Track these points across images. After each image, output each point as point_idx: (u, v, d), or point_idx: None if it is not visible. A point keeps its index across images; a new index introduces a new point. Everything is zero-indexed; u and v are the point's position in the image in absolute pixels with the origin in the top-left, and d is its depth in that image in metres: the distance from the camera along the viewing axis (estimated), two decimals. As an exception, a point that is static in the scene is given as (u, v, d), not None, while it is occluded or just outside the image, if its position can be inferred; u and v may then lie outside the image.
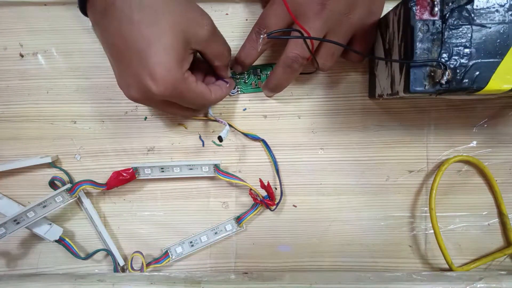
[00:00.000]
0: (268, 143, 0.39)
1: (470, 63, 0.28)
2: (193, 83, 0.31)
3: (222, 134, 0.35)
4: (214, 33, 0.32)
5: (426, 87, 0.28)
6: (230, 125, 0.39)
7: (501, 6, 0.28)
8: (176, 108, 0.34)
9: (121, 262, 0.40)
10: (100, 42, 0.32)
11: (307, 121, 0.40)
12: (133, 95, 0.31)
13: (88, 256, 0.40)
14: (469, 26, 0.28)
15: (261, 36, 0.32)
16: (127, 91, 0.31)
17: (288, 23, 0.33)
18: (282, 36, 0.32)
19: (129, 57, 0.29)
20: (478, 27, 0.28)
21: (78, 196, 0.39)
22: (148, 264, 0.39)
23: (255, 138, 0.39)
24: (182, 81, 0.30)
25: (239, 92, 0.39)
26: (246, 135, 0.39)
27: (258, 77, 0.39)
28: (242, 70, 0.38)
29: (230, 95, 0.39)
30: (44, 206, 0.37)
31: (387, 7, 0.37)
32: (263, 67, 0.39)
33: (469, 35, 0.28)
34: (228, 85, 0.36)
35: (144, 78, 0.29)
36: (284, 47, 0.33)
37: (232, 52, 0.36)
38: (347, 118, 0.39)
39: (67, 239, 0.39)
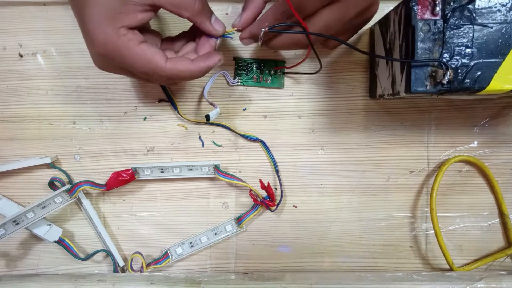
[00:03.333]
0: (268, 143, 0.39)
1: (472, 63, 0.28)
2: (131, 42, 0.28)
3: (211, 114, 0.34)
4: None
5: (428, 87, 0.28)
6: (228, 128, 0.39)
7: (503, 5, 0.28)
8: (138, 77, 0.31)
9: (121, 263, 0.40)
10: None
11: (307, 121, 0.39)
12: (95, 63, 0.30)
13: (88, 256, 0.40)
14: (470, 26, 0.28)
15: (262, 29, 0.31)
16: (93, 61, 0.30)
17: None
18: (283, 31, 0.31)
19: (79, 23, 0.28)
20: (480, 27, 0.28)
21: (77, 197, 0.38)
22: (148, 265, 0.39)
23: (254, 139, 0.39)
24: (116, 37, 0.27)
25: (239, 83, 0.39)
26: (244, 136, 0.39)
27: (261, 71, 0.38)
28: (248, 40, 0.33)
29: (230, 85, 0.39)
30: (44, 207, 0.37)
31: (388, 7, 0.37)
32: (267, 62, 0.38)
33: (471, 35, 0.28)
34: (208, 59, 0.31)
35: (88, 40, 0.28)
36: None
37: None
38: (348, 118, 0.39)
39: (66, 240, 0.39)
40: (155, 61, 0.29)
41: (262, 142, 0.39)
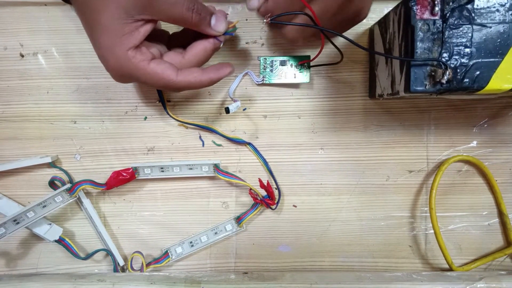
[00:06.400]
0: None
1: (471, 63, 0.28)
2: (141, 62, 0.29)
3: (231, 106, 0.34)
4: None
5: (427, 87, 0.28)
6: (215, 130, 0.39)
7: (502, 5, 0.28)
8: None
9: (121, 262, 0.40)
10: None
11: (307, 121, 0.39)
12: (112, 77, 0.31)
13: (88, 256, 0.40)
14: (469, 26, 0.28)
15: (264, 20, 0.31)
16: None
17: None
18: (286, 22, 0.31)
19: (92, 44, 0.30)
20: (479, 27, 0.28)
21: (77, 196, 0.39)
22: (148, 264, 0.39)
23: (241, 142, 0.39)
24: (126, 61, 0.28)
25: (265, 81, 0.38)
26: (231, 139, 0.39)
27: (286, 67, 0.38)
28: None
29: (256, 84, 0.38)
30: (44, 206, 0.37)
31: (387, 7, 0.38)
32: (292, 58, 0.38)
33: (470, 34, 0.28)
34: (218, 71, 0.32)
35: (103, 61, 0.29)
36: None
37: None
38: (347, 118, 0.39)
39: (67, 239, 0.39)
40: (166, 77, 0.30)
41: (250, 144, 0.39)
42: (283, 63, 0.38)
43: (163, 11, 0.28)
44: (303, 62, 0.38)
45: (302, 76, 0.38)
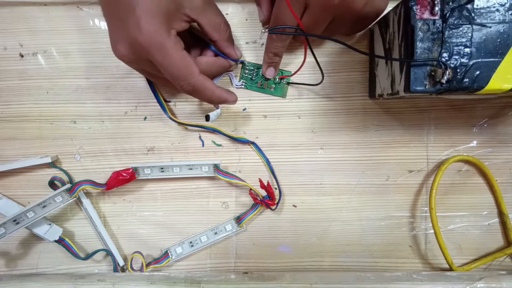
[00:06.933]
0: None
1: (471, 63, 0.28)
2: (177, 45, 0.30)
3: (211, 114, 0.35)
4: (209, 1, 0.32)
5: (427, 87, 0.28)
6: (218, 130, 0.39)
7: (502, 5, 0.28)
8: (157, 76, 0.33)
9: (121, 262, 0.40)
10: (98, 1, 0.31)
11: (307, 121, 0.39)
12: (120, 50, 0.30)
13: (88, 256, 0.40)
14: (469, 26, 0.28)
15: (262, 31, 0.32)
16: (115, 47, 0.31)
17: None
18: (284, 32, 0.32)
19: (119, 9, 0.29)
20: (479, 27, 0.28)
21: (77, 196, 0.39)
22: (148, 264, 0.39)
23: (245, 141, 0.39)
24: (165, 37, 0.29)
25: (244, 86, 0.39)
26: (234, 138, 0.39)
27: (266, 78, 0.38)
28: (274, 72, 0.38)
29: (234, 87, 0.39)
30: (44, 206, 0.37)
31: (387, 7, 0.37)
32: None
33: (470, 34, 0.28)
34: (229, 94, 0.35)
35: (131, 27, 0.29)
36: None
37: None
38: (347, 118, 0.39)
39: (66, 239, 0.39)
40: (191, 69, 0.31)
41: (253, 143, 0.39)
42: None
43: (207, 15, 0.32)
44: (283, 77, 0.38)
45: (280, 90, 0.39)
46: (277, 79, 0.39)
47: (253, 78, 0.39)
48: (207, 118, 0.35)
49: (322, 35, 0.31)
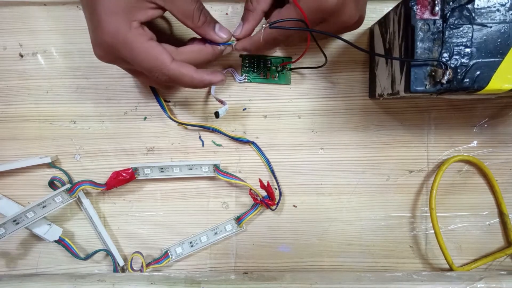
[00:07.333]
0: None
1: (471, 63, 0.28)
2: (141, 36, 0.29)
3: (220, 110, 0.34)
4: None
5: (427, 87, 0.28)
6: (218, 130, 0.39)
7: (502, 5, 0.28)
8: (142, 73, 0.32)
9: (121, 263, 0.40)
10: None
11: (307, 121, 0.39)
12: (97, 53, 0.30)
13: (88, 256, 0.40)
14: (470, 26, 0.28)
15: (263, 26, 0.32)
16: (94, 50, 0.30)
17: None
18: (284, 27, 0.31)
19: (86, 12, 0.29)
20: (479, 27, 0.28)
21: (77, 196, 0.38)
22: (148, 265, 0.39)
23: (244, 142, 0.39)
24: (126, 31, 0.28)
25: (246, 80, 0.39)
26: (234, 138, 0.39)
27: (268, 68, 0.38)
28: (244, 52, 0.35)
29: (238, 82, 0.39)
30: (44, 207, 0.37)
31: (387, 7, 0.37)
32: (274, 58, 0.38)
33: (470, 34, 0.28)
34: (212, 75, 0.32)
35: (96, 28, 0.28)
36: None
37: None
38: (347, 118, 0.39)
39: (66, 240, 0.39)
40: (161, 59, 0.30)
41: (253, 143, 0.39)
42: (265, 64, 0.38)
43: (175, 3, 0.29)
44: (285, 64, 0.38)
45: (284, 78, 0.39)
46: (279, 67, 0.38)
47: (255, 70, 0.39)
48: (217, 115, 0.34)
49: (325, 32, 0.30)
